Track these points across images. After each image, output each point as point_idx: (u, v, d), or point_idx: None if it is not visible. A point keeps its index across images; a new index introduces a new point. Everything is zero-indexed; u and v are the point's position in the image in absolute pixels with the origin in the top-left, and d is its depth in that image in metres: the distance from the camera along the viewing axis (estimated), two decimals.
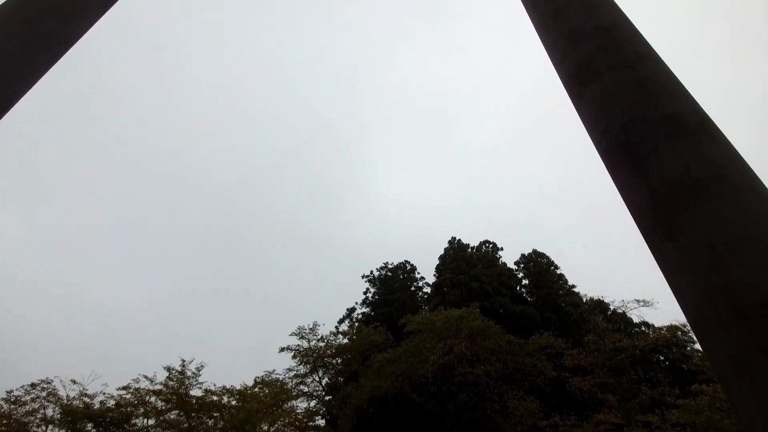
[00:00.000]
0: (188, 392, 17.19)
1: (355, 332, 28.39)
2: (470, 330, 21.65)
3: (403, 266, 42.65)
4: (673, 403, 17.34)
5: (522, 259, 36.99)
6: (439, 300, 31.52)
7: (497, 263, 37.03)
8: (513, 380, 21.64)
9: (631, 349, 19.27)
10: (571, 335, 25.21)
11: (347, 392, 22.97)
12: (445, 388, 22.49)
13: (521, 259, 37.07)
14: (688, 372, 26.78)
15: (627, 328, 28.68)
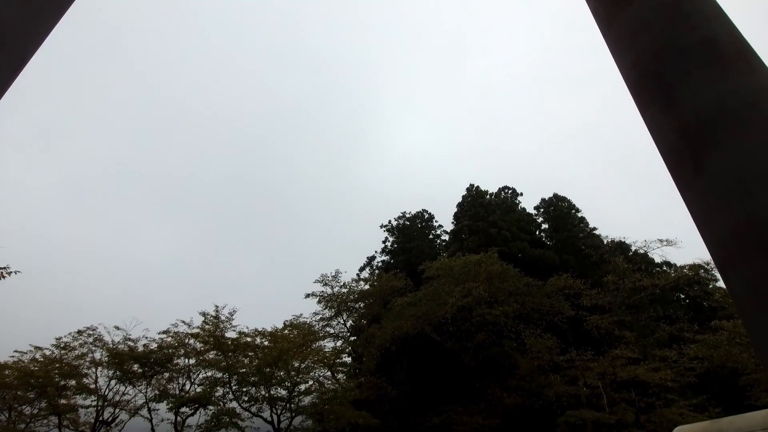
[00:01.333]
0: (224, 334, 18.51)
1: (376, 279, 29.34)
2: (488, 274, 22.04)
3: (421, 215, 42.84)
4: (692, 339, 17.64)
5: (542, 204, 36.49)
6: (457, 246, 31.88)
7: (516, 209, 36.70)
8: (530, 320, 22.28)
9: (651, 288, 19.31)
10: (590, 276, 25.40)
11: (370, 333, 24.27)
12: (464, 328, 23.43)
13: (541, 204, 36.57)
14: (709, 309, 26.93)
15: (648, 268, 28.60)
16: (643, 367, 16.96)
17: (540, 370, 20.37)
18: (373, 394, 23.14)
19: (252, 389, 17.19)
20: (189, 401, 16.74)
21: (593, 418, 17.14)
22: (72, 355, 18.54)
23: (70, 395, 18.25)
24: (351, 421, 17.53)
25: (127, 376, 17.84)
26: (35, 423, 17.81)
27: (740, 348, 15.62)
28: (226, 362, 17.46)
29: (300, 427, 19.27)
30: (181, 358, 18.58)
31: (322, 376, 20.02)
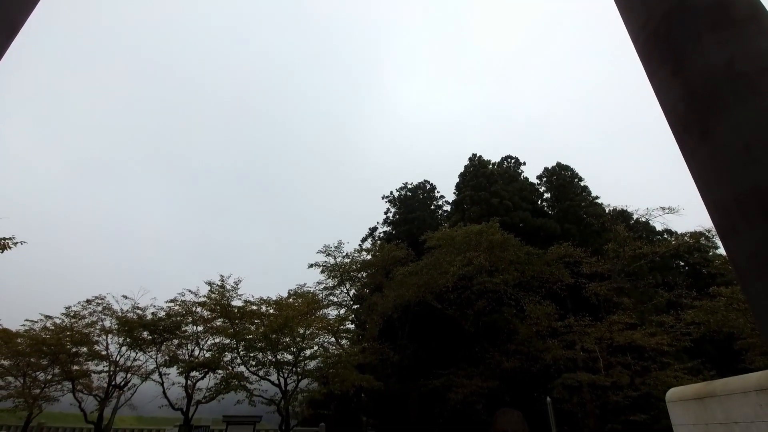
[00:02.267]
0: (230, 303, 18.97)
1: (378, 249, 29.62)
2: (489, 243, 22.21)
3: (422, 186, 42.67)
4: (690, 305, 17.92)
5: (545, 173, 36.19)
6: (458, 217, 31.94)
7: (519, 178, 36.46)
8: (530, 287, 22.67)
9: (651, 255, 19.46)
10: (590, 245, 25.57)
11: (373, 301, 24.79)
12: (464, 296, 23.91)
13: (544, 173, 36.27)
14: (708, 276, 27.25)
15: (649, 236, 28.70)
16: (639, 332, 17.37)
17: (538, 336, 20.92)
18: (376, 359, 23.93)
19: (259, 354, 17.78)
20: (198, 366, 17.37)
21: (589, 380, 17.76)
22: (82, 323, 19.05)
23: (82, 361, 18.91)
24: (355, 383, 18.22)
25: (137, 342, 18.41)
26: (50, 388, 18.51)
27: (737, 313, 15.88)
28: (233, 329, 17.96)
29: (306, 389, 20.09)
30: (189, 325, 19.10)
31: (326, 342, 20.67)
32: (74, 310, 19.25)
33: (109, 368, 18.73)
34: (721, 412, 6.39)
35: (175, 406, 18.05)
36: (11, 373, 18.00)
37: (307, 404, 21.81)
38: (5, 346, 17.96)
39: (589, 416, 18.70)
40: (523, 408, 21.18)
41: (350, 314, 28.06)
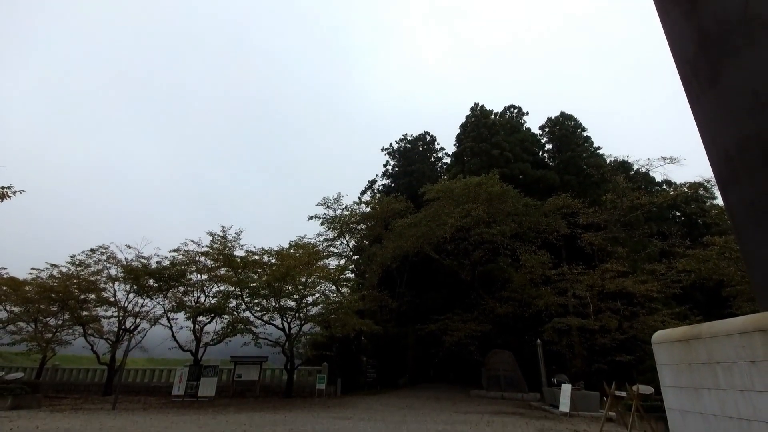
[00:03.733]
0: (232, 253, 19.32)
1: (377, 202, 29.69)
2: (488, 195, 22.26)
3: (422, 137, 41.95)
4: (682, 254, 18.31)
5: (547, 123, 35.48)
6: (458, 169, 31.74)
7: (521, 129, 35.81)
8: (526, 238, 23.04)
9: (649, 205, 19.59)
10: (589, 196, 25.68)
11: (372, 252, 25.26)
12: (462, 247, 24.38)
13: (547, 123, 35.56)
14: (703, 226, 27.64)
15: (648, 187, 28.76)
16: (631, 279, 17.89)
17: (532, 283, 21.59)
18: (375, 305, 24.83)
19: (263, 301, 18.38)
20: (205, 311, 18.01)
21: (578, 324, 18.58)
22: (88, 271, 19.48)
23: (91, 307, 19.57)
24: (355, 327, 19.01)
25: (144, 290, 18.94)
26: (61, 332, 19.27)
27: (728, 262, 16.21)
28: (237, 278, 18.43)
29: (309, 333, 21.01)
30: (193, 274, 19.54)
31: (327, 290, 21.27)
32: (79, 259, 19.61)
33: (118, 314, 19.44)
34: (705, 352, 6.70)
35: (185, 348, 18.96)
36: (22, 319, 18.67)
37: (310, 346, 22.93)
38: (14, 294, 18.49)
39: (576, 357, 19.78)
40: (514, 350, 22.36)
41: (350, 264, 28.69)
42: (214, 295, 19.31)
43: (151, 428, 9.31)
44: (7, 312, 18.80)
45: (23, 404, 13.43)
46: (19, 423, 9.82)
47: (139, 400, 16.58)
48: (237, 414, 12.30)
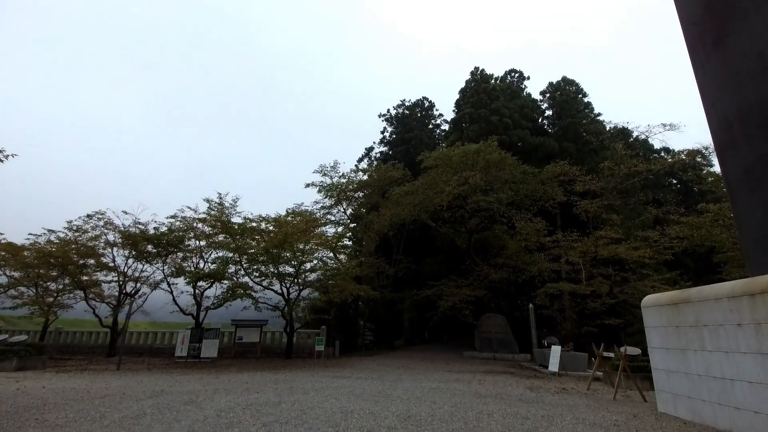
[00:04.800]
0: (229, 220, 19.33)
1: (374, 170, 29.47)
2: (486, 162, 22.11)
3: (420, 103, 41.09)
4: (677, 221, 18.51)
5: (549, 88, 34.75)
6: (457, 136, 31.33)
7: (521, 94, 35.11)
8: (523, 206, 23.15)
9: (646, 173, 19.58)
10: (587, 163, 25.61)
11: (369, 220, 25.35)
12: (458, 215, 24.49)
13: (548, 88, 34.83)
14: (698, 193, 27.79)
15: (646, 154, 28.67)
16: (624, 246, 18.17)
17: (526, 250, 21.90)
18: (373, 272, 25.22)
19: (261, 267, 18.60)
20: (204, 277, 18.23)
21: (570, 289, 19.03)
22: (86, 237, 19.51)
23: (90, 272, 19.75)
24: (353, 293, 19.39)
25: (143, 255, 19.06)
26: (62, 296, 19.53)
27: (721, 229, 16.42)
28: (235, 244, 18.54)
29: (308, 298, 21.44)
30: (191, 240, 19.64)
31: (325, 257, 21.52)
32: (76, 225, 19.58)
33: (118, 278, 19.66)
34: (693, 316, 6.93)
35: (186, 311, 19.35)
36: (23, 283, 18.84)
37: (309, 310, 23.47)
38: (13, 259, 18.57)
39: (567, 320, 20.41)
40: (506, 314, 23.02)
41: (348, 232, 28.86)
42: (213, 261, 19.49)
43: (156, 386, 9.65)
44: (7, 277, 18.95)
45: (28, 366, 13.79)
46: (25, 383, 10.12)
47: (142, 361, 17.09)
48: (239, 373, 12.74)
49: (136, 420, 6.13)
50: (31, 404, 7.25)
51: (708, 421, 6.40)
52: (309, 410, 6.96)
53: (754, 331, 5.58)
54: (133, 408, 6.99)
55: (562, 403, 8.41)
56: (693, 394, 6.80)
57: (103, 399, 7.87)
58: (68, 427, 5.65)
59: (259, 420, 6.20)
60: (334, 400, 7.89)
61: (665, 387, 7.61)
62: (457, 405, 7.72)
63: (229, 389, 9.23)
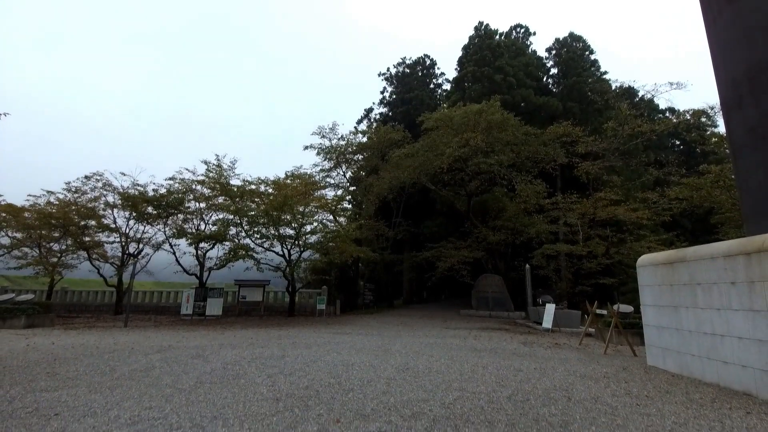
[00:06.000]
0: (228, 182, 19.23)
1: (374, 132, 28.96)
2: (488, 123, 21.68)
3: (422, 61, 39.71)
4: (677, 182, 18.45)
5: (555, 45, 33.47)
6: (459, 96, 30.55)
7: (526, 52, 33.86)
8: (523, 168, 22.97)
9: (650, 133, 19.28)
10: (590, 124, 25.18)
11: (369, 183, 25.23)
12: (458, 177, 24.35)
13: (554, 45, 33.54)
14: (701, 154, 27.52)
15: (651, 114, 28.12)
16: (623, 207, 18.20)
17: (525, 213, 21.99)
18: (372, 234, 25.44)
19: (262, 229, 18.73)
20: (206, 238, 18.38)
21: (567, 250, 19.29)
22: (85, 198, 19.49)
23: (92, 233, 19.89)
24: (353, 254, 19.65)
25: (143, 216, 19.10)
26: (66, 257, 19.76)
27: (721, 190, 16.39)
28: (235, 207, 18.56)
29: (309, 259, 21.75)
30: (191, 202, 19.62)
31: (325, 220, 21.61)
32: (75, 186, 19.51)
33: (121, 239, 19.83)
34: (687, 275, 7.05)
35: (189, 272, 19.68)
36: (25, 244, 19.00)
37: (310, 271, 23.91)
38: (14, 220, 18.63)
39: (562, 280, 20.86)
40: (503, 274, 23.49)
41: (347, 195, 28.83)
42: (213, 223, 19.59)
43: (163, 342, 9.98)
44: (9, 238, 19.08)
45: (37, 323, 14.16)
46: (35, 340, 10.45)
47: (149, 319, 17.60)
48: (244, 330, 13.16)
49: (146, 373, 6.37)
50: (42, 359, 7.52)
51: (695, 374, 6.67)
52: (312, 363, 7.23)
53: (747, 289, 5.69)
54: (142, 362, 7.25)
55: (554, 356, 8.74)
56: (682, 348, 7.05)
57: (112, 354, 8.16)
58: (79, 380, 5.88)
59: (264, 372, 6.46)
60: (335, 354, 8.19)
61: (655, 342, 7.89)
62: (453, 358, 8.02)
63: (234, 344, 9.56)
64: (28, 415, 4.22)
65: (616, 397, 5.27)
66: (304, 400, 4.89)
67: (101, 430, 3.79)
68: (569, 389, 5.66)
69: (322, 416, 4.27)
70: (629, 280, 19.84)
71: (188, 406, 4.58)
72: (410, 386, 5.64)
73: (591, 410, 4.65)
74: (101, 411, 4.38)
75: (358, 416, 4.28)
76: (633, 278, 16.93)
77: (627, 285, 20.12)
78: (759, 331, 5.43)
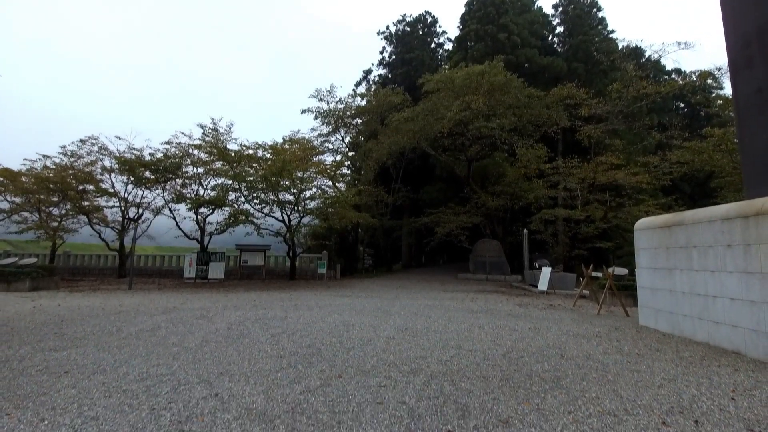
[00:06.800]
0: (225, 146, 18.96)
1: (373, 95, 28.23)
2: (490, 85, 21.10)
3: (422, 19, 38.07)
4: (679, 146, 18.27)
5: (561, 1, 31.97)
6: (461, 56, 29.51)
7: (532, 8, 32.38)
8: (525, 131, 22.59)
9: (655, 95, 18.84)
10: (595, 85, 24.51)
11: (368, 148, 24.88)
12: (459, 142, 24.01)
13: (561, 1, 32.04)
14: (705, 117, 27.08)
15: (657, 75, 27.36)
16: (623, 172, 18.10)
17: (525, 178, 21.88)
18: (372, 200, 25.43)
19: (261, 194, 18.68)
20: (205, 203, 18.37)
21: (565, 214, 19.37)
22: (82, 162, 19.32)
23: (91, 198, 19.87)
24: (352, 220, 19.73)
25: (141, 181, 18.99)
26: (66, 221, 19.82)
27: (723, 154, 16.26)
28: (233, 172, 18.42)
29: (308, 224, 21.86)
30: (189, 167, 19.45)
31: (324, 185, 21.52)
32: (71, 150, 19.29)
33: (120, 204, 19.83)
34: (684, 238, 7.11)
35: (190, 236, 19.83)
36: (25, 208, 19.01)
37: (310, 236, 24.10)
38: (12, 185, 18.53)
39: (559, 244, 21.08)
40: (501, 239, 23.72)
41: (346, 160, 28.53)
42: (212, 188, 19.51)
43: (168, 304, 10.21)
44: (8, 202, 19.07)
45: (41, 286, 14.38)
46: (40, 302, 10.66)
47: (153, 282, 17.91)
48: (246, 292, 13.44)
49: (152, 333, 6.55)
50: (49, 320, 7.70)
51: (686, 333, 6.89)
52: (313, 323, 7.43)
53: (742, 251, 5.75)
54: (148, 322, 7.44)
55: (548, 317, 8.98)
56: (675, 309, 7.23)
57: (118, 315, 8.36)
58: (87, 340, 6.05)
59: (267, 332, 6.64)
60: (336, 315, 8.40)
61: (648, 303, 8.08)
62: (450, 319, 8.24)
63: (237, 306, 9.78)
64: (38, 372, 4.37)
65: (608, 355, 5.46)
66: (307, 357, 5.06)
67: (111, 386, 3.93)
68: (562, 347, 5.86)
69: (324, 372, 4.43)
70: (625, 243, 20.07)
71: (195, 364, 4.74)
72: (409, 345, 5.83)
73: (583, 366, 4.82)
74: (110, 368, 4.54)
75: (359, 372, 4.45)
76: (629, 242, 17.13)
77: (623, 249, 20.38)
78: (752, 292, 5.55)
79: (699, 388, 4.08)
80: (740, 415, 3.33)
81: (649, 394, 3.84)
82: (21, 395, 3.63)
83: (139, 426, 2.98)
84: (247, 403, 3.48)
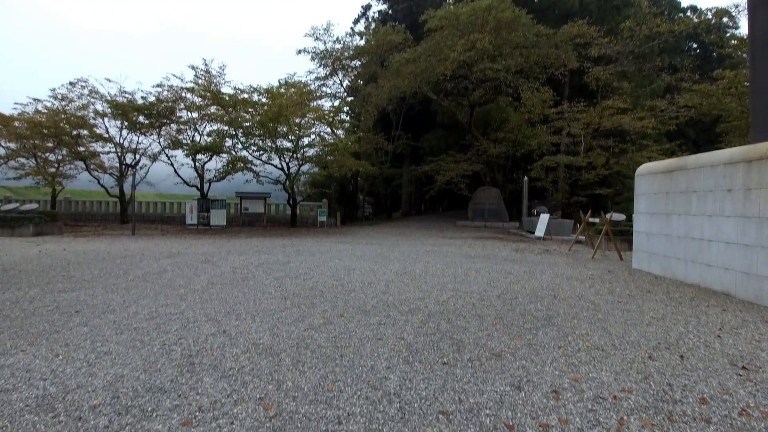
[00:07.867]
0: (219, 90, 18.27)
1: (372, 33, 26.63)
2: (497, 23, 19.87)
3: None
4: (689, 89, 17.64)
5: None
6: None
7: None
8: (531, 74, 21.66)
9: (668, 34, 17.86)
10: (606, 23, 23.11)
11: (367, 92, 23.99)
12: (462, 86, 23.11)
13: None
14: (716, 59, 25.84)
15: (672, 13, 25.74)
16: (629, 116, 17.62)
17: (529, 123, 21.35)
18: (371, 148, 25.02)
19: (259, 141, 18.33)
20: (202, 149, 18.09)
21: (566, 161, 19.18)
22: (73, 106, 18.77)
23: (86, 143, 19.53)
24: (352, 168, 19.54)
25: (135, 126, 18.57)
26: (63, 167, 19.62)
27: (732, 98, 15.76)
28: (228, 117, 17.92)
29: (308, 173, 21.69)
30: (183, 111, 18.92)
31: (322, 132, 21.04)
32: (61, 93, 18.68)
33: (116, 150, 19.54)
34: (685, 183, 7.07)
35: (189, 183, 19.77)
36: (20, 154, 18.76)
37: (309, 184, 24.03)
38: (5, 129, 18.14)
39: (559, 191, 21.10)
40: (501, 187, 23.71)
41: (345, 106, 27.63)
42: (208, 134, 19.10)
43: (173, 248, 10.40)
44: (3, 148, 18.79)
45: (45, 231, 14.46)
46: (46, 246, 10.83)
47: (156, 228, 18.13)
48: (248, 238, 13.66)
49: (159, 275, 6.73)
50: (56, 264, 7.87)
51: (678, 276, 7.08)
52: (315, 268, 7.63)
53: (742, 196, 5.74)
54: (154, 266, 7.63)
55: (543, 261, 9.20)
56: (669, 252, 7.38)
57: (124, 259, 8.54)
58: (95, 282, 6.22)
59: (271, 275, 6.83)
60: (337, 260, 8.60)
61: (643, 247, 8.24)
62: (448, 264, 8.45)
63: (241, 251, 9.98)
64: (49, 312, 4.54)
65: (599, 296, 5.65)
66: (310, 298, 5.24)
67: (122, 324, 4.10)
68: (555, 289, 6.05)
69: (326, 312, 4.61)
70: (625, 190, 20.05)
71: (202, 304, 4.92)
72: (407, 287, 6.02)
73: (574, 306, 5.01)
74: (120, 308, 4.71)
75: (360, 312, 4.63)
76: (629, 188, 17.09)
77: (622, 195, 20.40)
78: (747, 236, 5.62)
79: (686, 326, 4.26)
80: (725, 351, 3.50)
81: (637, 332, 4.02)
82: (34, 333, 3.80)
83: (152, 359, 3.14)
84: (254, 339, 3.65)
